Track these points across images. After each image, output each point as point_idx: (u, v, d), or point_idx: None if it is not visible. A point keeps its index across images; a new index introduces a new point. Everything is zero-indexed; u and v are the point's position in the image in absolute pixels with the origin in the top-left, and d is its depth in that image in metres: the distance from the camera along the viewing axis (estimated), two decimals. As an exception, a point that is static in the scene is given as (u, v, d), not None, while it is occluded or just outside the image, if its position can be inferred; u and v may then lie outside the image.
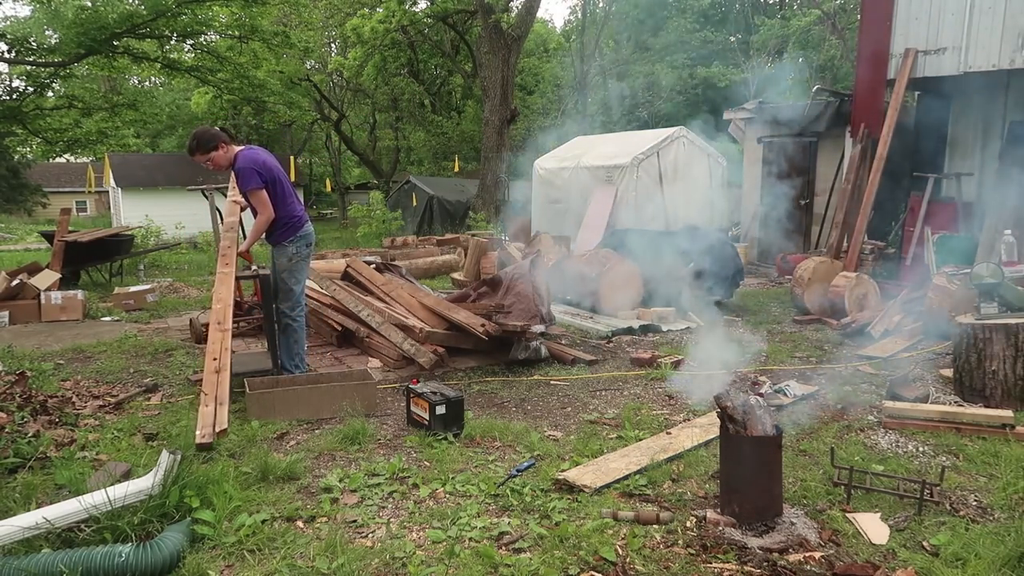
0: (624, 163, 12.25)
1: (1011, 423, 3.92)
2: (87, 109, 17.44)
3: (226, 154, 4.89)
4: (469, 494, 3.29)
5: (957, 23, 8.19)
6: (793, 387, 4.84)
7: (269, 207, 4.85)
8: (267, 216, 4.86)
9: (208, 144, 4.84)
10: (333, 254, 11.58)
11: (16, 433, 3.86)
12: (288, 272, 5.01)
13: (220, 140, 4.87)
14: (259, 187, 4.81)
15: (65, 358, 6.17)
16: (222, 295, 4.66)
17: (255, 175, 4.81)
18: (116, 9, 13.99)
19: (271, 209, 4.86)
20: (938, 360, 5.74)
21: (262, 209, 4.85)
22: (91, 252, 10.44)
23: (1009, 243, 7.04)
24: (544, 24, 38.26)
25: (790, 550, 2.72)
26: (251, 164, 4.82)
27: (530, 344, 5.76)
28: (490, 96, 18.74)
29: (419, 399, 4.12)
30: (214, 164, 4.92)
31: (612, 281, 7.75)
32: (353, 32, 21.76)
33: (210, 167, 4.98)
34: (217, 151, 4.84)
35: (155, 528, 2.83)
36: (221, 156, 4.88)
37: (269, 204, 4.85)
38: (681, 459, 3.65)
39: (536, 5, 19.67)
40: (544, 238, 10.58)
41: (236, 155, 4.89)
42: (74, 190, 37.78)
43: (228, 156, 4.90)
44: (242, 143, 5.15)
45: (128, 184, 22.36)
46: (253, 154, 4.92)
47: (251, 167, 4.81)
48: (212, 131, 4.95)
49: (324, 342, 6.61)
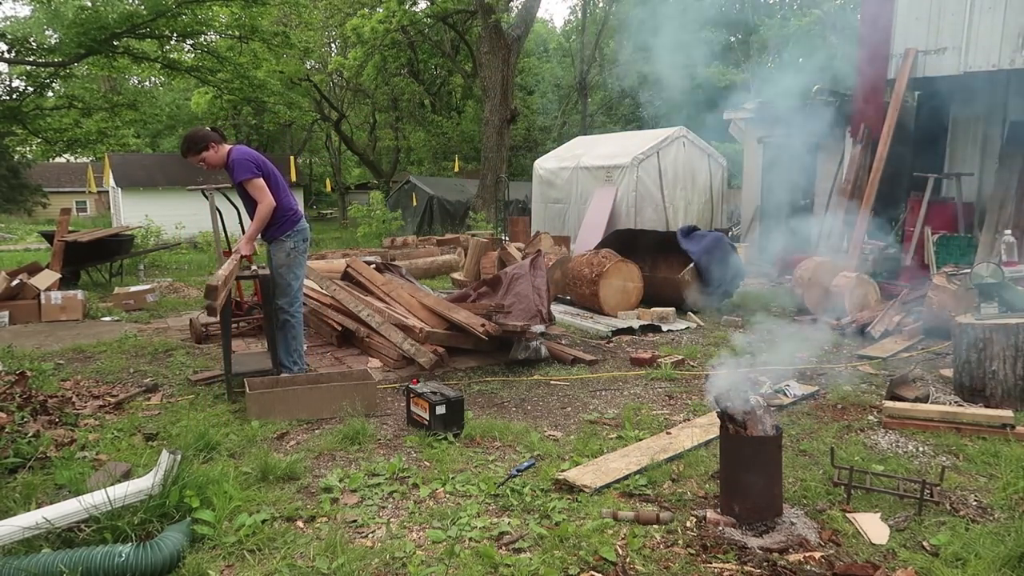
0: (624, 163, 12.26)
1: (1011, 423, 3.91)
2: (87, 109, 17.45)
3: (217, 153, 4.90)
4: (469, 494, 3.29)
5: (957, 23, 8.19)
6: (793, 387, 4.84)
7: (268, 194, 4.83)
8: (268, 204, 4.82)
9: (198, 145, 4.86)
10: (333, 254, 11.58)
11: (16, 433, 3.86)
12: (286, 268, 5.01)
13: (210, 140, 4.88)
14: (256, 175, 4.81)
15: (65, 358, 6.17)
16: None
17: (251, 165, 4.82)
18: (116, 9, 13.99)
19: (270, 197, 4.83)
20: (938, 360, 5.74)
21: (261, 197, 4.82)
22: (91, 252, 10.44)
23: (1009, 243, 7.04)
24: (544, 24, 38.32)
25: (790, 550, 2.72)
26: (245, 156, 4.85)
27: (530, 344, 5.76)
28: (490, 96, 18.75)
29: (419, 399, 4.12)
30: (207, 164, 4.93)
31: (612, 281, 7.76)
32: (353, 32, 21.77)
33: (204, 167, 5.00)
34: (208, 151, 4.86)
35: (155, 528, 2.83)
36: (213, 156, 4.89)
37: (267, 191, 4.83)
38: (681, 459, 3.65)
39: (536, 5, 19.71)
40: (544, 238, 10.58)
41: (229, 151, 4.91)
42: (74, 190, 37.78)
43: (220, 155, 4.91)
44: (239, 142, 5.17)
45: (128, 184, 22.34)
46: (247, 149, 4.97)
47: (245, 158, 4.83)
48: (202, 132, 4.95)
49: (324, 342, 6.61)
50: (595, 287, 7.72)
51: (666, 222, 12.32)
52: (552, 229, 13.07)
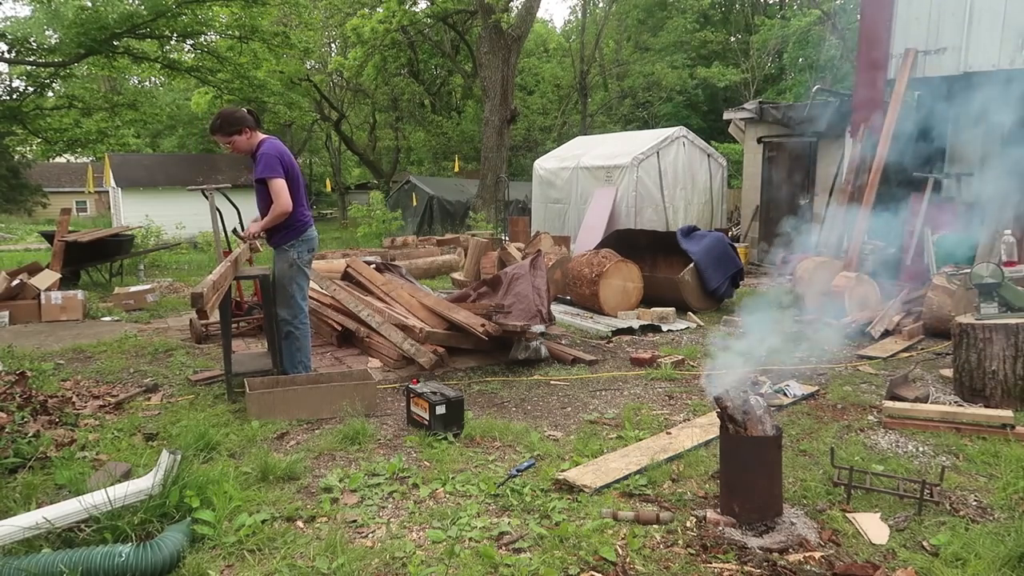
0: (624, 163, 12.26)
1: (1011, 423, 3.92)
2: (87, 109, 17.44)
3: (248, 140, 4.68)
4: (469, 494, 3.29)
5: (957, 23, 8.18)
6: (793, 387, 4.84)
7: (286, 198, 4.61)
8: (284, 209, 4.62)
9: (232, 127, 4.63)
10: (333, 254, 11.58)
11: (16, 433, 3.86)
12: (288, 278, 4.82)
13: (246, 125, 4.65)
14: (280, 176, 4.61)
15: (65, 358, 6.17)
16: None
17: (278, 165, 4.62)
18: (116, 9, 13.98)
19: (288, 201, 4.62)
20: (938, 360, 5.74)
21: (278, 200, 4.61)
22: (91, 252, 10.44)
23: (1009, 243, 7.03)
24: (544, 24, 38.30)
25: (790, 550, 2.72)
26: (275, 152, 4.64)
27: (530, 344, 5.76)
28: (490, 96, 18.75)
29: (419, 399, 4.12)
30: (234, 147, 4.72)
31: (612, 281, 7.76)
32: (353, 32, 21.76)
33: (228, 149, 4.78)
34: (240, 136, 4.65)
35: (155, 528, 2.83)
36: (243, 142, 4.68)
37: (287, 195, 4.60)
38: (681, 459, 3.65)
39: (536, 5, 19.68)
40: (544, 238, 10.58)
41: (261, 141, 4.70)
42: (74, 190, 37.79)
43: (251, 143, 4.70)
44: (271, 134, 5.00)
45: (128, 184, 22.35)
46: (279, 144, 4.75)
47: (276, 155, 4.63)
48: (239, 113, 4.70)
49: (324, 342, 6.61)
50: (595, 287, 7.72)
51: (666, 222, 12.33)
52: (552, 229, 13.08)
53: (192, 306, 3.97)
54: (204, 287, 3.91)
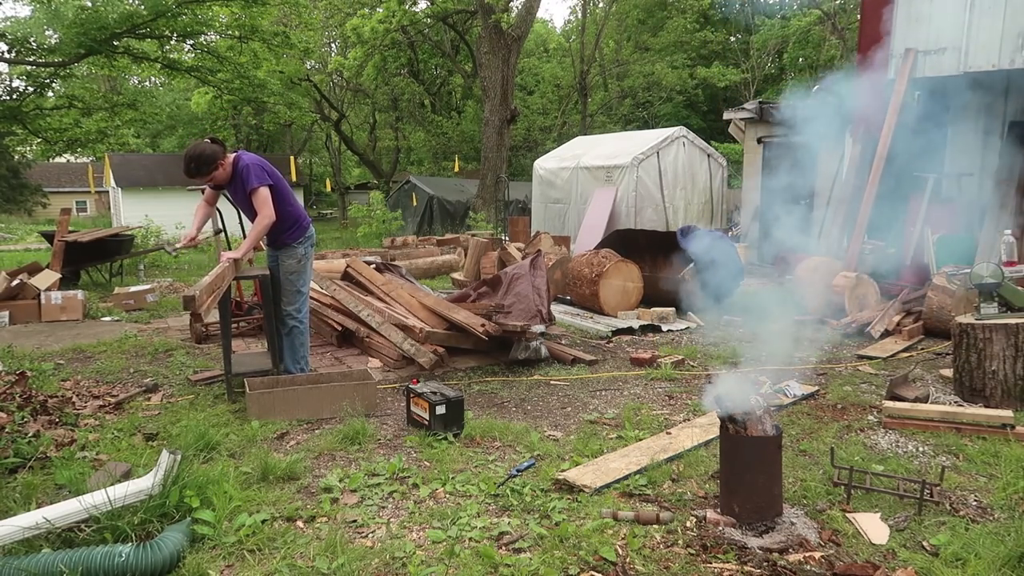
0: (624, 163, 12.26)
1: (1011, 423, 3.91)
2: (87, 109, 17.43)
3: (225, 169, 4.68)
4: (469, 494, 3.29)
5: (957, 23, 8.18)
6: (793, 387, 4.84)
7: (271, 208, 4.64)
8: (268, 218, 4.63)
9: (208, 165, 4.59)
10: (333, 254, 11.58)
11: (16, 433, 3.86)
12: (296, 274, 4.94)
13: (218, 158, 4.61)
14: (267, 183, 4.63)
15: (65, 358, 6.17)
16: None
17: (263, 172, 4.65)
18: (116, 9, 13.98)
19: (272, 211, 4.65)
20: (938, 360, 5.74)
21: (264, 210, 4.62)
22: (91, 252, 10.44)
23: (1009, 243, 7.03)
24: (544, 24, 38.32)
25: (790, 550, 2.72)
26: (256, 161, 4.67)
27: (530, 344, 5.76)
28: (490, 96, 18.75)
29: (419, 399, 4.12)
30: (215, 182, 4.73)
31: (612, 281, 7.76)
32: (353, 32, 21.77)
33: (211, 185, 4.80)
34: (218, 170, 4.64)
35: (155, 528, 2.83)
36: (222, 174, 4.67)
37: (271, 205, 4.65)
38: (681, 459, 3.65)
39: (536, 5, 19.69)
40: (544, 238, 10.58)
41: (236, 159, 4.71)
42: (74, 190, 37.79)
43: (227, 169, 4.69)
44: (238, 146, 5.04)
45: (128, 184, 22.37)
46: (252, 155, 4.81)
47: (258, 163, 4.66)
48: (208, 149, 4.61)
49: (324, 342, 6.61)
50: (595, 287, 7.72)
51: (666, 222, 12.33)
52: (552, 229, 13.08)
53: (184, 309, 3.92)
54: (197, 289, 3.88)
